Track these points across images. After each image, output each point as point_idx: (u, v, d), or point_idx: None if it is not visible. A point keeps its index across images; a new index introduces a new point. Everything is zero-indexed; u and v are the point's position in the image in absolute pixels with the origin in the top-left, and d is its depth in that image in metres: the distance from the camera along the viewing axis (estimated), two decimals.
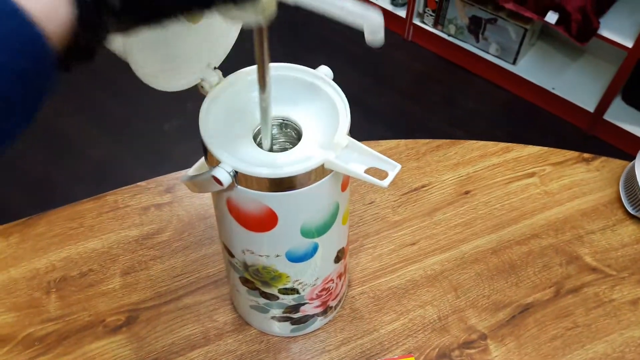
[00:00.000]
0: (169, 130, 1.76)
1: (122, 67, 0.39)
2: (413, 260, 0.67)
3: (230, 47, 0.46)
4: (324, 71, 0.46)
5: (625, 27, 1.57)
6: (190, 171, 0.47)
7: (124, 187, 0.75)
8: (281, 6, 0.36)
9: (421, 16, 1.95)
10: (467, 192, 0.74)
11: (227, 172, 0.39)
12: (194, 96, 0.56)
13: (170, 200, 0.72)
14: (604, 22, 1.57)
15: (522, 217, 0.71)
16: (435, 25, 1.92)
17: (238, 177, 0.40)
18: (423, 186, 0.75)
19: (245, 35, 0.50)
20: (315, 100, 0.45)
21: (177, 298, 0.63)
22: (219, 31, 0.44)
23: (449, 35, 1.90)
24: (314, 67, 0.47)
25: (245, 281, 0.52)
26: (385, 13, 2.03)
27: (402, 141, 0.80)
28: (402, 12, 1.99)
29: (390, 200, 0.73)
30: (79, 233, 0.70)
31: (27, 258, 0.67)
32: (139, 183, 0.75)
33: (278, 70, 0.46)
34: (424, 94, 1.89)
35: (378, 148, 0.79)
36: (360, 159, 0.41)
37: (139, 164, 1.69)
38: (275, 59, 0.45)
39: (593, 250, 0.68)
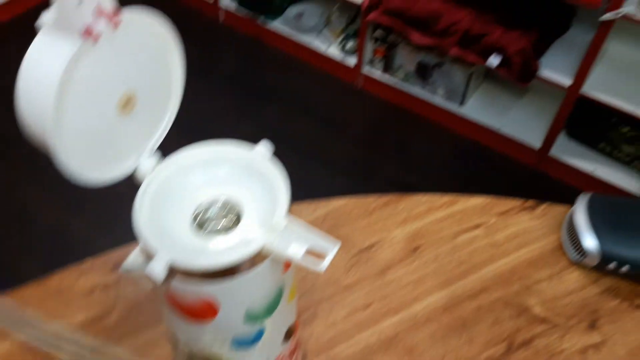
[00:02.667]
0: (123, 190, 1.73)
1: None
2: (367, 324, 0.67)
3: (167, 130, 0.46)
4: (262, 149, 0.46)
5: (563, 67, 1.65)
6: (128, 260, 0.46)
7: (69, 267, 0.73)
8: (236, 60, 0.37)
9: (370, 64, 2.00)
10: (416, 248, 0.74)
11: (162, 266, 0.39)
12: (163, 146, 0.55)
13: (116, 279, 0.71)
14: (543, 62, 1.65)
15: (471, 271, 0.72)
16: (384, 72, 1.98)
17: (174, 270, 0.40)
18: (373, 245, 0.75)
19: (182, 117, 0.51)
20: (254, 179, 0.45)
21: None
22: (155, 117, 0.44)
23: (398, 81, 1.96)
24: (267, 118, 0.48)
25: None
26: (336, 62, 2.09)
27: (352, 200, 0.81)
28: (352, 61, 2.05)
29: (341, 263, 0.73)
30: None
31: None
32: (84, 260, 0.73)
33: (216, 149, 0.46)
34: (378, 139, 1.93)
35: (327, 207, 0.80)
36: (300, 238, 0.42)
37: (95, 230, 1.65)
38: (228, 110, 0.46)
39: (541, 300, 0.69)
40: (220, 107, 2.03)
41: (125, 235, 0.75)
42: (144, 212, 0.42)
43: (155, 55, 0.43)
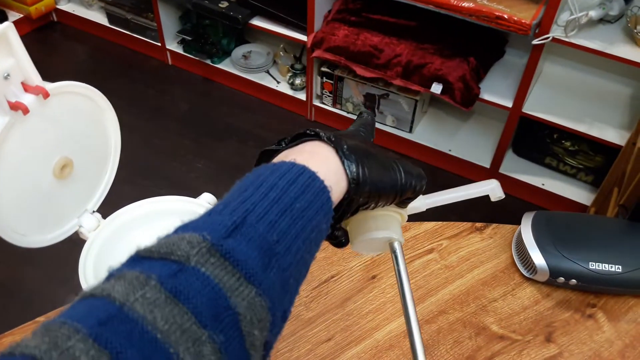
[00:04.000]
0: (76, 238, 1.69)
1: None
2: (330, 357, 0.67)
3: (107, 190, 0.46)
4: (207, 198, 0.47)
5: (502, 90, 1.72)
6: None
7: (22, 325, 0.70)
8: (189, 99, 0.38)
9: (320, 98, 2.04)
10: (374, 277, 0.76)
11: None
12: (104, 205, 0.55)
13: None
14: (483, 86, 1.71)
15: (428, 295, 0.73)
16: (334, 105, 2.02)
17: None
18: (332, 277, 0.76)
19: (139, 157, 0.51)
20: None
21: None
22: (94, 178, 0.44)
23: (348, 112, 2.00)
24: (223, 154, 0.48)
25: None
26: (287, 97, 2.12)
27: None
28: (302, 96, 2.08)
29: (302, 297, 0.73)
30: None
31: None
32: (37, 319, 0.71)
33: (163, 203, 0.47)
34: None
35: None
36: None
37: (50, 281, 1.60)
38: (184, 148, 0.46)
39: (498, 318, 0.71)
40: (176, 145, 2.02)
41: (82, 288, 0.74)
42: (89, 271, 0.42)
43: (90, 120, 0.43)
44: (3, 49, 0.35)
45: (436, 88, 1.68)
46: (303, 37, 1.90)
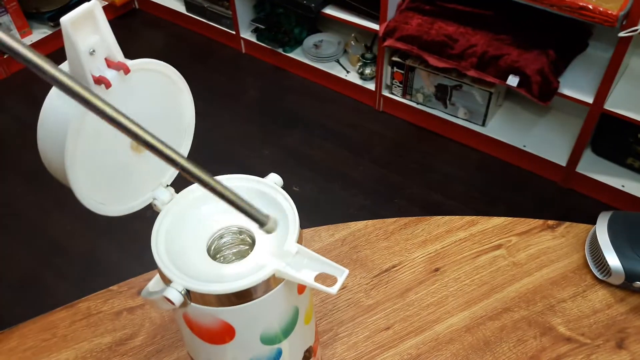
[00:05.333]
0: (151, 217, 1.77)
1: None
2: (388, 346, 0.67)
3: None
4: (274, 179, 0.47)
5: (583, 84, 1.64)
6: (149, 286, 0.47)
7: (97, 292, 0.75)
8: (260, 87, 0.38)
9: (389, 88, 2.02)
10: (437, 270, 0.74)
11: (179, 291, 0.40)
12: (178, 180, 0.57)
13: (142, 303, 0.72)
14: (563, 81, 1.64)
15: (493, 291, 0.71)
16: (403, 96, 1.99)
17: (191, 294, 0.41)
18: (394, 266, 0.75)
19: (209, 142, 0.52)
20: (267, 208, 0.47)
21: None
22: None
23: (418, 103, 1.97)
24: (290, 142, 0.49)
25: None
26: (356, 87, 2.11)
27: (370, 222, 0.82)
28: (371, 86, 2.07)
29: (362, 284, 0.73)
30: (51, 344, 0.69)
31: None
32: (111, 287, 0.75)
33: (230, 181, 0.48)
34: (400, 161, 1.93)
35: (347, 230, 0.81)
36: (311, 265, 0.42)
37: (125, 255, 1.68)
38: (252, 135, 0.46)
39: (566, 320, 0.68)
40: (245, 132, 2.06)
41: (154, 261, 0.77)
42: (160, 242, 0.43)
43: (167, 97, 0.44)
44: (89, 26, 0.37)
45: (512, 80, 1.62)
46: (375, 26, 1.89)
